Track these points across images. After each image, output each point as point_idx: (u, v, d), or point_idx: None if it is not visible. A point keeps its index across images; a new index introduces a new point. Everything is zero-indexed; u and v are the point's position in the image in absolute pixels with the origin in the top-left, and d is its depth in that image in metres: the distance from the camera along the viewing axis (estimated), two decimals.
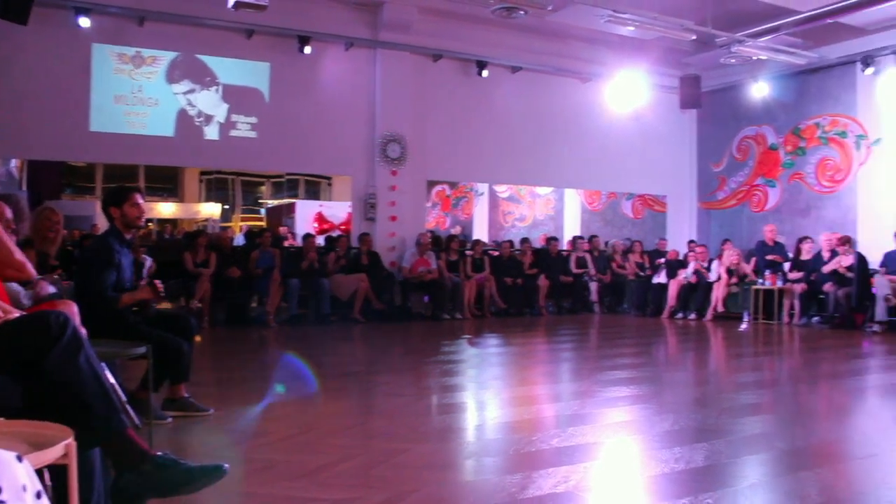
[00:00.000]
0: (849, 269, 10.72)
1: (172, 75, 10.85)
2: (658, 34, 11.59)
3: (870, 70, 12.16)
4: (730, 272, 12.08)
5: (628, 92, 13.25)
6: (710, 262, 12.59)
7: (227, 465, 2.65)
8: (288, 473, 3.44)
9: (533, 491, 3.24)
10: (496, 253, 13.31)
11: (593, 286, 13.34)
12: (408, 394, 5.79)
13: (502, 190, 19.67)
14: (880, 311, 10.34)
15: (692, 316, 12.12)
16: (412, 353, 8.49)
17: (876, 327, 10.25)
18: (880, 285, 10.40)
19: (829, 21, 11.26)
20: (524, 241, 13.70)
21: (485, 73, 12.65)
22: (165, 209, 23.76)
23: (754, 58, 12.28)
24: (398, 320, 11.12)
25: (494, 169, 13.61)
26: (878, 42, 12.02)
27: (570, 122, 13.71)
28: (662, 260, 13.28)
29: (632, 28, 11.16)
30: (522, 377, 7.02)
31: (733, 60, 12.29)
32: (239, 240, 15.60)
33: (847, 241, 11.10)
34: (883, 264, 10.75)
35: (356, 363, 7.76)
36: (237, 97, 11.21)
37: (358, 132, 11.95)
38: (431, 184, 17.81)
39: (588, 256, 13.59)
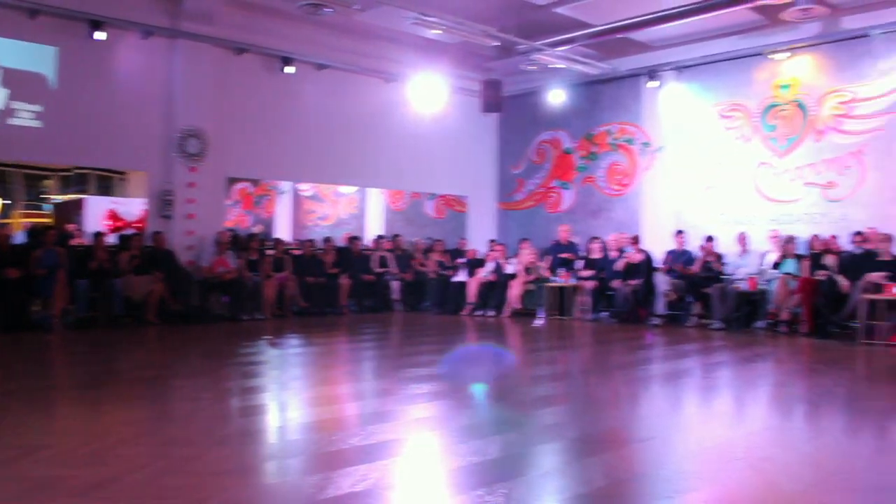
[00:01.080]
0: (638, 266, 11.53)
1: None
2: (462, 39, 11.91)
3: (654, 83, 13.11)
4: (527, 270, 12.61)
5: (432, 94, 13.48)
6: (508, 260, 13.08)
7: None
8: (69, 489, 3.20)
9: (332, 491, 3.22)
10: (298, 252, 13.12)
11: (395, 285, 13.46)
12: (205, 397, 5.58)
13: (305, 188, 19.43)
14: (661, 306, 11.20)
15: (491, 313, 12.53)
16: (210, 356, 8.18)
17: (657, 321, 11.08)
18: (661, 282, 11.25)
19: (620, 36, 12.09)
20: (326, 240, 13.58)
21: (289, 69, 12.43)
22: None
23: (552, 66, 12.92)
24: (196, 322, 10.68)
25: (298, 167, 13.40)
26: (662, 58, 12.99)
27: (374, 122, 13.76)
28: (462, 259, 13.64)
29: (437, 31, 11.40)
30: (324, 377, 6.96)
31: (533, 67, 12.84)
32: (21, 238, 14.41)
33: (637, 240, 11.93)
34: (665, 262, 11.64)
35: (150, 367, 7.37)
36: (18, 82, 10.31)
37: (154, 126, 11.35)
38: (232, 181, 17.31)
39: (390, 255, 13.71)
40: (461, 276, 13.19)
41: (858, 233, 10.27)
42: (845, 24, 11.14)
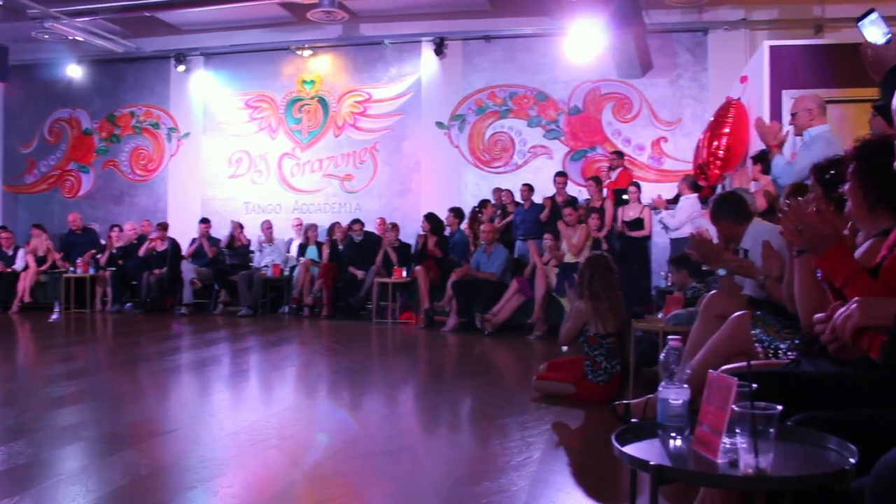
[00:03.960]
0: (163, 254, 11.19)
1: None
2: None
3: (182, 67, 12.81)
4: (39, 260, 11.49)
5: None
6: (17, 249, 11.77)
7: None
8: None
9: None
10: None
11: None
12: None
13: None
14: (187, 295, 11.03)
15: None
16: None
17: (184, 310, 10.88)
18: (187, 270, 11.07)
19: (147, 14, 11.52)
20: None
21: None
22: None
23: (71, 37, 11.84)
24: None
25: None
26: (190, 42, 12.75)
27: None
28: None
29: None
30: None
31: (47, 37, 11.66)
32: None
33: (165, 228, 11.56)
34: (190, 250, 11.49)
35: None
36: None
37: None
38: None
39: None
40: None
41: (357, 220, 11.16)
42: (363, 30, 12.12)
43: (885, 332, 1.62)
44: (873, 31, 2.61)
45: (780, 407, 1.57)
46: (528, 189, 10.33)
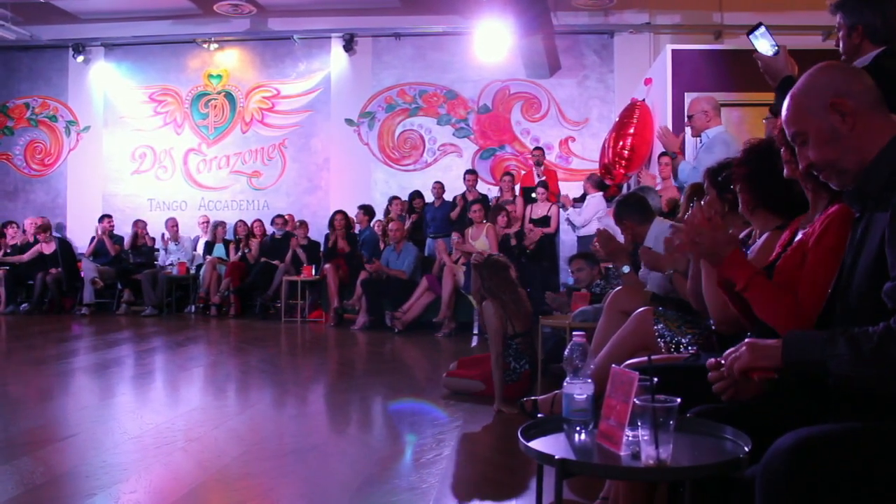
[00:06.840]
0: (52, 255, 10.75)
1: None
2: None
3: (81, 58, 12.35)
4: None
5: None
6: None
7: None
8: None
9: None
10: None
11: None
12: None
13: None
14: (88, 294, 10.63)
15: None
16: None
17: (85, 310, 10.49)
18: (87, 269, 10.67)
19: (42, 1, 11.04)
20: None
21: None
22: None
23: None
24: None
25: None
26: (90, 32, 12.30)
27: None
28: None
29: None
30: None
31: None
32: None
33: (46, 229, 11.01)
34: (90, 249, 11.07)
35: None
36: None
37: None
38: None
39: None
40: None
41: (279, 216, 11.04)
42: (271, 24, 11.93)
43: (774, 370, 1.69)
44: (762, 44, 2.76)
45: (678, 399, 1.62)
46: (440, 187, 10.38)
